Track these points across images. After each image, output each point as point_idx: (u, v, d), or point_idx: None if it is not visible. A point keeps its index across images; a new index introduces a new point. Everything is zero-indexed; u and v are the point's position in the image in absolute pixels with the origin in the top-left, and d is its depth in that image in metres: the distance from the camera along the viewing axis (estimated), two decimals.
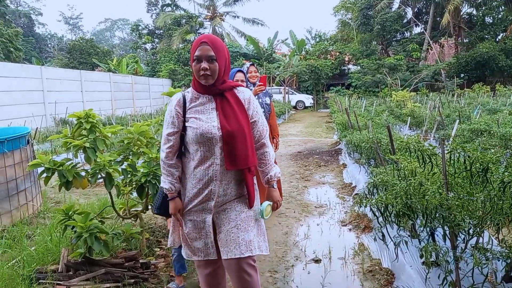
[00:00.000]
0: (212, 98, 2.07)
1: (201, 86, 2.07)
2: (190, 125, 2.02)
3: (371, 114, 11.08)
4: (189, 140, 2.04)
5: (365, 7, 31.60)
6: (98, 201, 5.10)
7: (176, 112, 2.06)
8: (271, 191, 2.26)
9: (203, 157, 2.02)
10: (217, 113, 2.04)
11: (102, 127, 3.18)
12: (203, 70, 1.98)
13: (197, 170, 2.04)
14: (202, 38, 2.03)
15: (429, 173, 2.65)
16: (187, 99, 2.09)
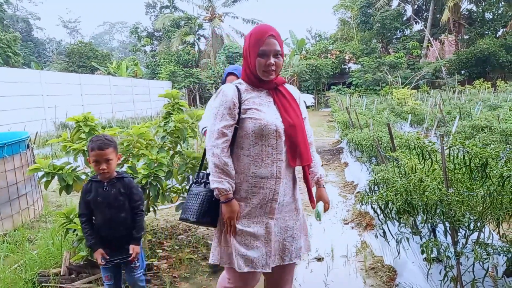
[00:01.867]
0: (268, 92, 1.95)
1: (257, 80, 1.93)
2: (250, 116, 1.86)
3: (372, 112, 11.08)
4: (246, 133, 1.86)
5: (364, 5, 31.60)
6: None
7: (234, 102, 1.87)
8: (322, 191, 2.12)
9: (264, 152, 1.85)
10: (276, 106, 1.92)
11: (101, 130, 3.19)
12: (269, 66, 1.86)
13: (256, 167, 1.86)
14: (267, 30, 1.89)
15: (429, 170, 2.65)
16: (241, 90, 1.93)
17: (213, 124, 1.89)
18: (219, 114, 1.88)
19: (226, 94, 1.89)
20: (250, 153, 1.87)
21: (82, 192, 2.40)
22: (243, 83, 1.97)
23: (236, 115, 1.87)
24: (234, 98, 1.88)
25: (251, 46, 1.89)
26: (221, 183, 1.83)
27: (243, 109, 1.88)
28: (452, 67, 27.25)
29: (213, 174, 1.85)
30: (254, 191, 1.87)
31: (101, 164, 2.26)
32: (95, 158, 2.27)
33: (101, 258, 2.32)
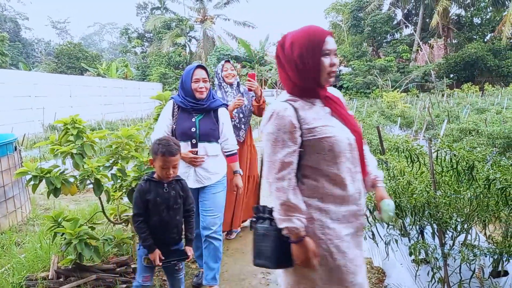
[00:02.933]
0: (321, 102, 1.72)
1: (314, 88, 1.70)
2: (320, 135, 1.62)
3: (362, 115, 11.16)
4: (320, 154, 1.63)
5: (355, 9, 31.87)
6: (89, 207, 5.06)
7: (293, 125, 1.62)
8: (382, 189, 1.85)
9: (344, 169, 1.64)
10: (336, 116, 1.71)
11: (89, 133, 3.16)
12: (333, 66, 1.67)
13: (338, 187, 1.64)
14: (323, 29, 1.70)
15: (417, 172, 2.68)
16: (297, 107, 1.67)
17: (272, 154, 1.64)
18: (278, 141, 1.62)
19: (283, 116, 1.63)
20: (328, 174, 1.64)
21: (139, 191, 2.32)
22: (295, 98, 1.71)
23: (298, 138, 1.63)
24: (293, 119, 1.62)
25: (309, 47, 1.64)
26: (290, 221, 1.58)
27: (307, 129, 1.63)
28: (441, 71, 27.59)
29: (279, 211, 1.61)
30: (343, 212, 1.65)
31: (168, 169, 2.26)
32: (164, 164, 2.25)
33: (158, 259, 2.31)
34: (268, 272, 3.32)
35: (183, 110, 2.89)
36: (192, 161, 2.83)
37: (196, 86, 2.83)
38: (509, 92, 18.77)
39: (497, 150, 5.05)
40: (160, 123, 2.95)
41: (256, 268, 3.38)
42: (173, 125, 2.89)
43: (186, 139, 2.85)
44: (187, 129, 2.85)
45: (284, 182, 1.61)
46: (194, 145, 2.87)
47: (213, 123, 2.92)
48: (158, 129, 2.93)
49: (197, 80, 2.84)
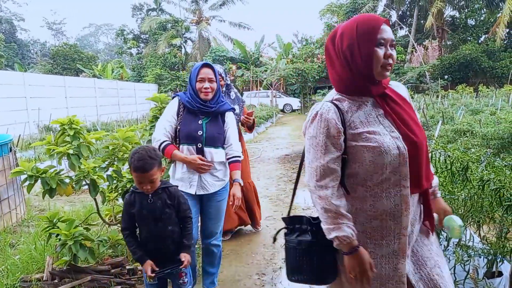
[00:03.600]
0: (374, 101, 1.52)
1: (365, 84, 1.49)
2: (363, 143, 1.45)
3: None
4: (361, 164, 1.47)
5: (350, 11, 31.95)
6: (84, 208, 5.04)
7: (338, 129, 1.46)
8: (441, 201, 1.70)
9: (385, 181, 1.46)
10: (390, 119, 1.50)
11: (86, 133, 3.16)
12: (389, 58, 1.46)
13: (375, 199, 1.48)
14: (378, 17, 1.50)
15: None
16: (343, 108, 1.50)
17: (314, 159, 1.49)
18: (320, 146, 1.47)
19: (326, 118, 1.47)
20: (366, 183, 1.48)
21: (124, 204, 2.21)
22: (342, 97, 1.53)
23: (342, 144, 1.47)
24: (337, 122, 1.46)
25: (361, 36, 1.44)
26: (340, 229, 1.43)
27: (351, 135, 1.47)
28: (436, 72, 27.73)
29: (326, 220, 1.46)
30: (375, 228, 1.49)
31: (144, 184, 2.08)
32: (138, 179, 2.08)
33: (151, 270, 2.14)
34: (263, 273, 3.32)
35: (189, 111, 2.69)
36: (199, 168, 2.61)
37: (201, 86, 2.63)
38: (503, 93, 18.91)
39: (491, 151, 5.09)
40: (162, 122, 2.72)
41: (251, 269, 3.39)
42: (178, 125, 2.68)
43: (191, 143, 2.65)
44: (193, 132, 2.64)
45: (327, 191, 1.46)
46: (199, 150, 2.66)
47: (220, 128, 2.73)
48: (159, 128, 2.71)
49: (202, 80, 2.63)
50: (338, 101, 1.52)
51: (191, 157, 2.59)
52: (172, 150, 2.60)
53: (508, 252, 2.34)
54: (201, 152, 2.65)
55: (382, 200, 1.47)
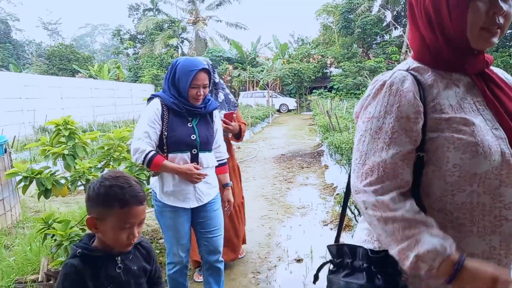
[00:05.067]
0: (470, 81, 1.03)
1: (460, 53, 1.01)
2: (455, 135, 0.94)
3: (352, 116, 11.25)
4: (441, 169, 0.97)
5: (346, 11, 32.03)
6: (80, 209, 5.05)
7: (416, 108, 0.98)
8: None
9: (475, 206, 0.95)
10: (492, 111, 1.00)
11: (81, 134, 3.18)
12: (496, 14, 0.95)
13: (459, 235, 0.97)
14: None
15: None
16: (424, 81, 1.02)
17: (370, 152, 1.01)
18: (384, 132, 0.99)
19: (399, 91, 0.99)
20: (445, 207, 0.97)
21: (67, 278, 1.25)
22: (423, 67, 1.06)
23: (419, 132, 0.97)
24: (416, 97, 0.98)
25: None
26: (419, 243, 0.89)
27: (434, 120, 0.98)
28: None
29: (392, 238, 0.94)
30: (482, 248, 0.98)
31: (133, 230, 1.30)
32: (126, 221, 1.27)
33: None
34: (258, 271, 3.35)
35: (175, 113, 2.31)
36: (195, 178, 2.26)
37: (194, 92, 2.28)
38: None
39: None
40: (143, 128, 2.25)
41: (247, 268, 3.42)
42: (164, 131, 2.27)
43: (185, 150, 2.29)
44: (186, 137, 2.29)
45: (385, 197, 0.96)
46: (194, 157, 2.31)
47: (211, 129, 2.45)
48: (141, 137, 2.23)
49: (196, 86, 2.28)
50: (416, 72, 1.04)
51: (185, 166, 2.25)
52: (161, 160, 2.20)
53: None
54: (196, 158, 2.32)
55: (470, 238, 0.96)
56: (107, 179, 1.29)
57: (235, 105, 3.26)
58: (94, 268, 1.28)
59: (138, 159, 2.21)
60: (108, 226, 1.26)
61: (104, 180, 1.28)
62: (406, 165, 0.98)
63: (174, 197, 2.31)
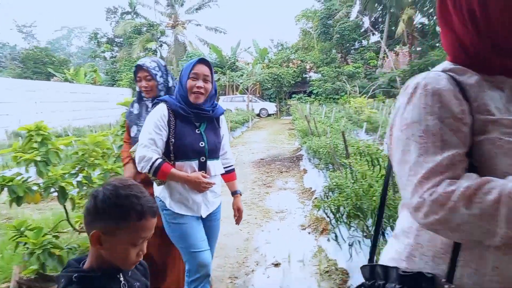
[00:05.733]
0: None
1: (487, 59, 0.94)
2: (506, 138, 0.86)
3: (330, 120, 11.39)
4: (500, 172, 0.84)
5: (324, 17, 32.51)
6: (53, 215, 4.94)
7: (460, 104, 0.89)
8: None
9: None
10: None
11: (55, 139, 3.12)
12: None
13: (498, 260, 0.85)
14: None
15: (377, 175, 2.80)
16: (464, 81, 0.94)
17: (418, 159, 0.86)
18: (430, 134, 0.87)
19: (436, 90, 0.90)
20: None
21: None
22: (462, 68, 0.97)
23: (467, 133, 0.88)
24: (457, 94, 0.90)
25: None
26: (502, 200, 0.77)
27: (479, 121, 0.89)
28: (406, 77, 28.42)
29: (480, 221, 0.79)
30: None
31: (143, 246, 1.15)
32: (140, 236, 1.12)
33: None
34: (235, 276, 3.36)
35: (183, 118, 2.19)
36: (203, 188, 2.17)
37: (193, 84, 2.15)
38: None
39: None
40: (149, 135, 2.14)
41: (224, 273, 3.41)
42: (171, 138, 2.16)
43: (193, 158, 2.18)
44: (194, 144, 2.18)
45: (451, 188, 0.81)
46: (202, 165, 2.21)
47: (218, 135, 2.33)
48: (147, 143, 2.13)
49: (195, 77, 2.16)
50: (454, 73, 0.96)
51: (194, 175, 2.14)
52: (168, 169, 2.10)
53: None
54: (204, 166, 2.22)
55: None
56: (120, 187, 1.12)
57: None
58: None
59: (144, 168, 2.10)
60: (117, 241, 1.09)
61: (116, 189, 1.11)
62: (462, 169, 0.84)
63: (183, 204, 2.19)
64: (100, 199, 1.10)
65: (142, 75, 2.65)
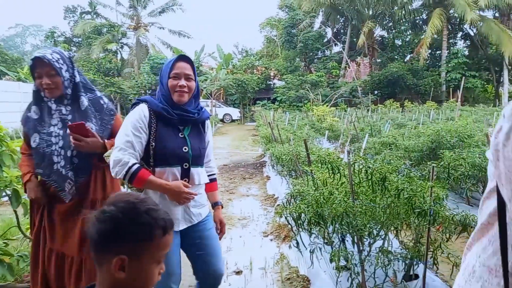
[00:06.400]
0: None
1: None
2: None
3: (293, 127, 11.54)
4: None
5: (288, 25, 33.06)
6: (2, 221, 4.66)
7: None
8: None
9: None
10: None
11: (9, 141, 2.96)
12: None
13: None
14: None
15: (338, 183, 2.85)
16: None
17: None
18: None
19: None
20: None
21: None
22: None
23: None
24: None
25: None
26: None
27: None
28: (367, 87, 29.46)
29: None
30: None
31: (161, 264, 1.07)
32: (167, 249, 1.06)
33: None
34: None
35: (165, 121, 2.02)
36: (184, 198, 1.97)
37: (175, 83, 1.99)
38: (425, 109, 20.56)
39: (410, 162, 5.51)
40: (127, 137, 1.95)
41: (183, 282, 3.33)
42: (152, 141, 1.98)
43: (175, 163, 2.00)
44: (177, 149, 2.00)
45: None
46: (185, 172, 2.03)
47: (202, 140, 2.16)
48: (124, 146, 1.94)
49: (176, 76, 2.00)
50: None
51: (174, 183, 1.95)
52: (146, 176, 1.92)
53: (422, 255, 2.55)
54: (187, 174, 2.03)
55: None
56: (137, 203, 1.00)
57: (111, 114, 2.44)
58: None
59: (119, 173, 1.90)
60: (143, 264, 0.98)
61: (134, 206, 0.99)
62: None
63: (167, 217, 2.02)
64: (120, 219, 0.96)
65: (43, 71, 2.18)
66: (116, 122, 2.41)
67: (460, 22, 29.31)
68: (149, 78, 27.75)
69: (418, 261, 2.66)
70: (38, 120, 2.26)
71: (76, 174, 2.22)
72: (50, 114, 2.24)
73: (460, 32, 32.10)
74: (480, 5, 24.42)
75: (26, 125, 2.34)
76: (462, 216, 2.50)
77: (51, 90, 2.20)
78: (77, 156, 2.22)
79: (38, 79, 2.21)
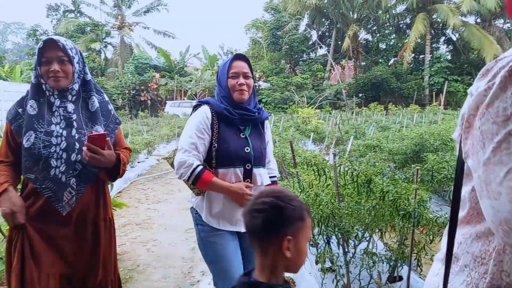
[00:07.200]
0: None
1: None
2: None
3: (279, 129, 11.56)
4: None
5: (274, 27, 33.19)
6: None
7: None
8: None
9: None
10: None
11: None
12: None
13: None
14: None
15: (324, 185, 2.85)
16: None
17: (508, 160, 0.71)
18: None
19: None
20: None
21: None
22: None
23: None
24: None
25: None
26: None
27: None
28: (351, 90, 29.76)
29: None
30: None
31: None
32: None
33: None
34: (180, 287, 3.26)
35: (226, 122, 2.02)
36: (246, 200, 1.88)
37: (235, 82, 2.01)
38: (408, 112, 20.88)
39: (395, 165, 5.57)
40: (191, 139, 1.97)
41: (168, 284, 3.31)
42: (214, 143, 1.98)
43: (239, 164, 1.99)
44: (239, 150, 1.99)
45: None
46: (247, 172, 2.01)
47: (263, 140, 2.14)
48: (188, 148, 1.95)
49: (235, 75, 2.02)
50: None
51: (236, 185, 1.94)
52: (209, 177, 1.91)
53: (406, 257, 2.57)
54: (250, 175, 2.01)
55: None
56: (282, 191, 1.19)
57: (117, 122, 2.19)
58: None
59: (184, 175, 1.90)
60: (300, 242, 1.15)
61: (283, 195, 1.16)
62: None
63: (224, 219, 1.96)
64: (282, 206, 1.13)
65: (54, 55, 1.89)
66: (118, 132, 2.20)
67: (443, 27, 29.95)
68: (133, 78, 27.45)
69: (403, 263, 2.68)
70: (35, 116, 1.92)
71: (78, 182, 1.93)
72: (51, 111, 1.94)
73: (443, 37, 32.76)
74: (462, 11, 24.96)
75: (15, 122, 1.96)
76: (445, 218, 2.52)
77: (58, 80, 1.90)
78: (81, 162, 1.93)
79: (46, 66, 1.90)
